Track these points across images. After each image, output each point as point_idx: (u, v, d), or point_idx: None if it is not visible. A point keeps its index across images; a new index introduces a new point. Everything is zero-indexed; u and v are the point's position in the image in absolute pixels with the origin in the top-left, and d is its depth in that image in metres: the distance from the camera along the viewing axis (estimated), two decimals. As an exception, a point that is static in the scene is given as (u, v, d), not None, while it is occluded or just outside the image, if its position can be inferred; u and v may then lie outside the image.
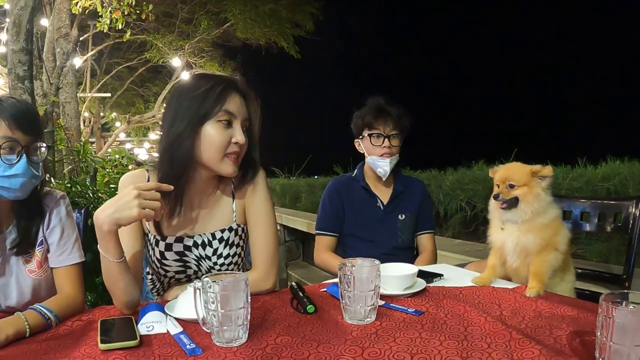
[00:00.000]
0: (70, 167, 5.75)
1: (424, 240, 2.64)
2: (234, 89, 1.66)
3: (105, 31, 9.07)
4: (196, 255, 1.74)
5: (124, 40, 10.77)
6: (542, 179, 1.65)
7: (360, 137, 2.56)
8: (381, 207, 2.57)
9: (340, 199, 2.59)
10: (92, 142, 17.32)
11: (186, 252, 1.73)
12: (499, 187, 1.68)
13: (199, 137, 1.61)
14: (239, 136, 1.63)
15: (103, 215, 1.38)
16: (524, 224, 1.66)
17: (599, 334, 0.98)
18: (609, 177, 4.02)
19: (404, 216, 2.57)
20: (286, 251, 6.89)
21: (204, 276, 1.24)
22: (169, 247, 1.72)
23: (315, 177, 9.43)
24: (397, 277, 1.61)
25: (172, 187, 1.49)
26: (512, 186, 1.66)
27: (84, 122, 16.88)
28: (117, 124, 20.51)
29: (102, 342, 1.20)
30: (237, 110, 1.64)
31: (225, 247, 1.75)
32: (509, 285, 1.71)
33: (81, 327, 1.40)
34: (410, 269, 1.70)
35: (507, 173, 1.68)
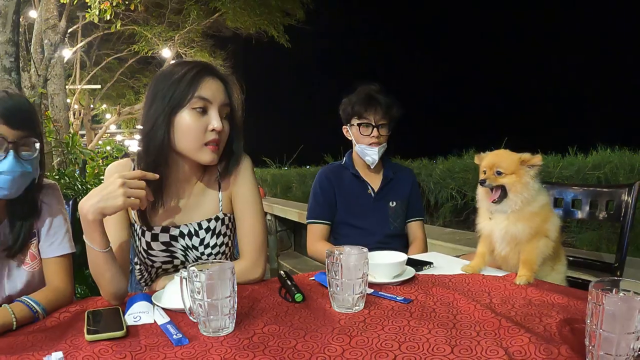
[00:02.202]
0: (59, 159, 5.72)
1: (414, 227, 2.63)
2: (208, 73, 1.61)
3: (95, 22, 8.98)
4: (183, 246, 1.72)
5: (114, 30, 10.64)
6: (530, 168, 1.63)
7: (349, 124, 2.54)
8: (372, 194, 2.56)
9: (332, 186, 2.57)
10: (83, 135, 17.24)
11: (172, 242, 1.71)
12: (485, 173, 1.66)
13: (173, 126, 1.58)
14: (215, 123, 1.57)
15: (88, 205, 1.37)
16: (513, 214, 1.64)
17: (588, 321, 0.98)
18: (599, 166, 4.05)
19: (394, 203, 2.56)
20: (278, 241, 6.90)
21: (190, 265, 1.22)
22: (155, 237, 1.69)
23: (307, 167, 9.43)
24: (385, 264, 1.60)
25: (157, 176, 1.47)
26: (499, 173, 1.63)
27: (74, 115, 16.77)
28: (108, 115, 20.41)
29: (89, 332, 1.19)
30: (212, 96, 1.58)
31: (212, 236, 1.73)
32: (499, 273, 1.71)
33: (68, 318, 1.38)
34: (399, 256, 1.68)
35: (495, 160, 1.65)
